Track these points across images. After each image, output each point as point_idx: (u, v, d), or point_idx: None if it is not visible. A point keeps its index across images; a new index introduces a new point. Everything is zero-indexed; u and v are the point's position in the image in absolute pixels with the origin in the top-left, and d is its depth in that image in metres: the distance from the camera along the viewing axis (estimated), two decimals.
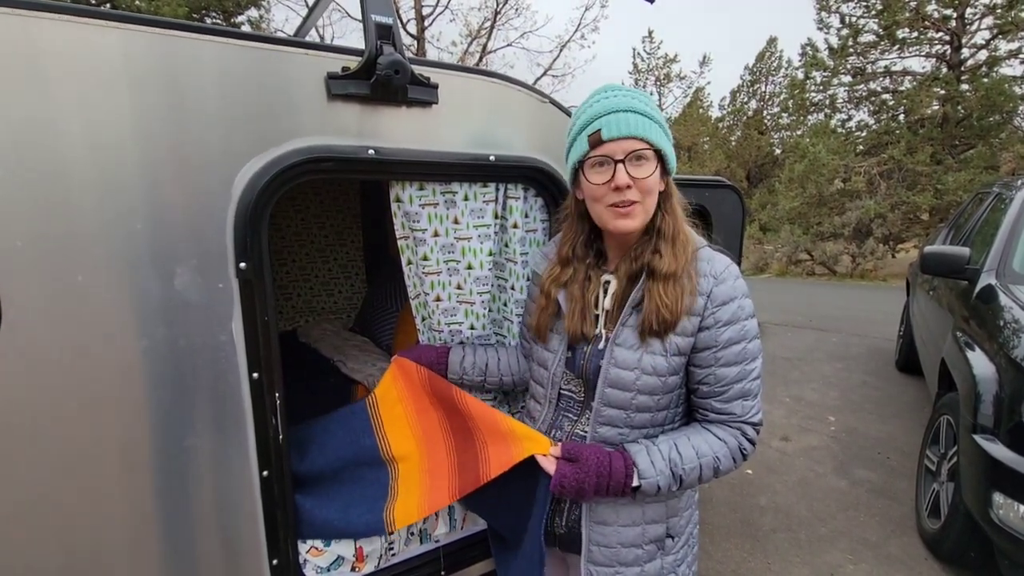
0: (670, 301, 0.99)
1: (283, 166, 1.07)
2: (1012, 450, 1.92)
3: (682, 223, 1.07)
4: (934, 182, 12.18)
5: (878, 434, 3.73)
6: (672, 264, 1.01)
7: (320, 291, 3.56)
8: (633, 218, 1.01)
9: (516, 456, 1.13)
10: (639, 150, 0.97)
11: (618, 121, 0.97)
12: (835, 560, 2.46)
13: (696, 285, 1.02)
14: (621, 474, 1.01)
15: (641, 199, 1.00)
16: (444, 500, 1.28)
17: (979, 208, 3.78)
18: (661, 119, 1.01)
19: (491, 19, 16.13)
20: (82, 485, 1.00)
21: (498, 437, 1.21)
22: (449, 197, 1.36)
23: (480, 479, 1.20)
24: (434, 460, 1.36)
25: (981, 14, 12.32)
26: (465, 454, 1.29)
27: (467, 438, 1.30)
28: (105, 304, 0.96)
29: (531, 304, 1.25)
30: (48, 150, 0.88)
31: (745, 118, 26.52)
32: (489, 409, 1.25)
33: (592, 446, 1.06)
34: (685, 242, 1.05)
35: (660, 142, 0.99)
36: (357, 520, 1.32)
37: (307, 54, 1.08)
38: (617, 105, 0.98)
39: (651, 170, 0.99)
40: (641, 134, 0.97)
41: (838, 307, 8.36)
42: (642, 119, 0.98)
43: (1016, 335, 2.14)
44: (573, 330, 1.10)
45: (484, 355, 1.39)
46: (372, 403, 1.43)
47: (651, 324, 1.01)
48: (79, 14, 0.88)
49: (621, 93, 1.01)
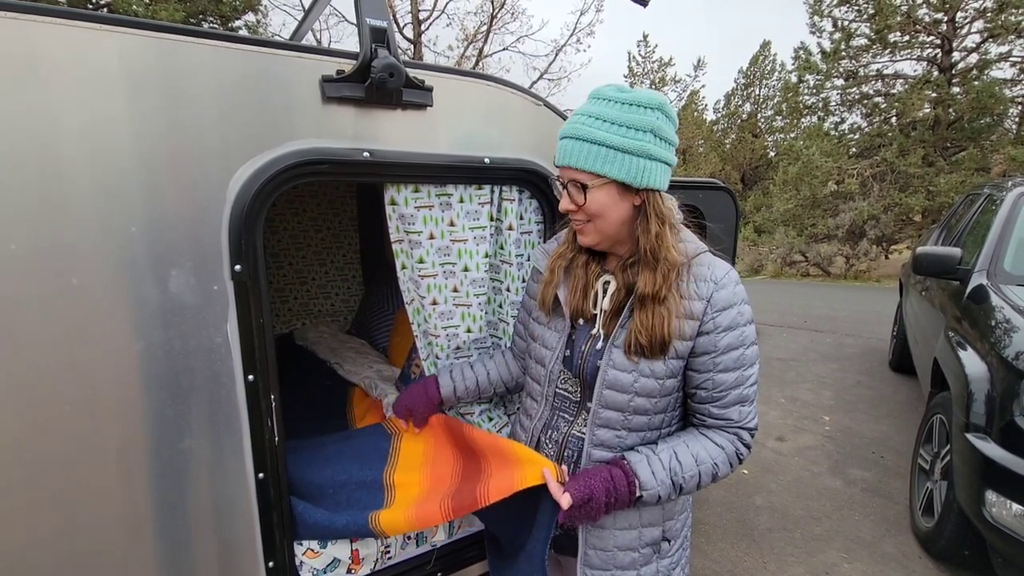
0: (649, 324, 0.99)
1: (278, 169, 1.08)
2: (1004, 448, 1.94)
3: (664, 240, 1.01)
4: (926, 184, 12.28)
5: (872, 434, 3.75)
6: (649, 286, 1.00)
7: (317, 293, 3.55)
8: (586, 235, 1.06)
9: (519, 483, 1.11)
10: (574, 179, 1.00)
11: (561, 149, 1.00)
12: (830, 559, 2.47)
13: (693, 291, 1.02)
14: (625, 492, 1.01)
15: (590, 220, 1.03)
16: (436, 517, 1.23)
17: (970, 209, 3.81)
18: (619, 140, 0.95)
19: (487, 23, 16.18)
20: (78, 487, 0.99)
21: (501, 460, 1.20)
22: (444, 199, 1.36)
23: (477, 502, 1.17)
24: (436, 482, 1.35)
25: (971, 18, 12.45)
26: (467, 473, 1.29)
27: (473, 460, 1.30)
28: (100, 306, 0.96)
29: (530, 301, 1.26)
30: (44, 153, 0.89)
31: (739, 121, 26.69)
32: (496, 438, 1.26)
33: (594, 472, 1.04)
34: (670, 261, 1.00)
35: (604, 168, 0.96)
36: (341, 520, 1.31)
37: (303, 57, 1.09)
38: (569, 131, 1.00)
39: (583, 199, 1.00)
40: (575, 164, 0.98)
41: (832, 308, 8.40)
42: (583, 147, 0.97)
43: (1007, 334, 2.16)
44: (574, 306, 1.11)
45: (472, 374, 1.37)
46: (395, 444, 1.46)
47: (628, 344, 1.02)
48: (76, 18, 0.89)
49: (584, 113, 0.99)
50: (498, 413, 1.57)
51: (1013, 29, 11.65)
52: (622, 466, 1.03)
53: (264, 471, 1.18)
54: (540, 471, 1.09)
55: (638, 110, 0.96)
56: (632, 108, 0.97)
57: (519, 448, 1.18)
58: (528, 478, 1.11)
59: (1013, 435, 1.93)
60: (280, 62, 1.07)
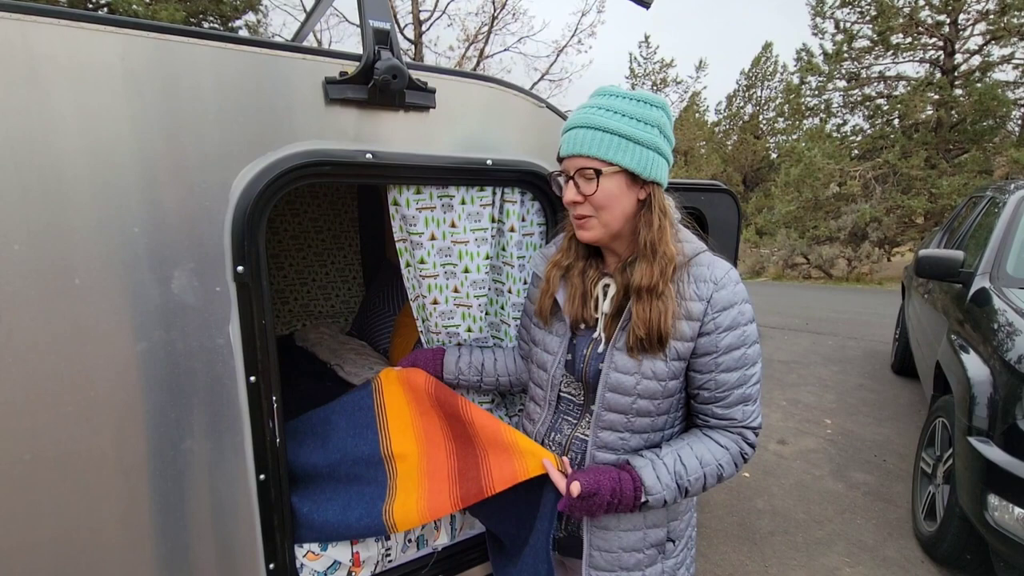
0: (646, 317, 0.99)
1: (281, 170, 1.08)
2: (1006, 452, 1.94)
3: (664, 234, 1.02)
4: (928, 186, 12.27)
5: (874, 437, 3.74)
6: (646, 278, 0.99)
7: (318, 295, 3.55)
8: (588, 230, 1.04)
9: (521, 472, 1.12)
10: (583, 168, 0.98)
11: (571, 139, 0.99)
12: (832, 563, 2.46)
13: (692, 291, 1.01)
14: (630, 497, 1.01)
15: (595, 213, 1.01)
16: (446, 508, 1.25)
17: (973, 212, 3.81)
18: (630, 129, 0.97)
19: (488, 24, 16.19)
20: (78, 487, 0.99)
21: (500, 448, 1.20)
22: (446, 201, 1.36)
23: (483, 491, 1.18)
24: (433, 463, 1.34)
25: (974, 20, 12.45)
26: (465, 460, 1.28)
27: (467, 444, 1.29)
28: (103, 307, 0.96)
29: (531, 305, 1.25)
30: (46, 154, 0.88)
31: (741, 122, 26.70)
32: (492, 418, 1.24)
33: (604, 470, 1.04)
34: (667, 256, 1.01)
35: (616, 156, 0.96)
36: (357, 522, 1.31)
37: (305, 59, 1.09)
38: (578, 121, 0.99)
39: (594, 187, 0.98)
40: (587, 152, 0.97)
41: (834, 310, 8.39)
42: (595, 135, 0.96)
43: (1010, 338, 2.15)
44: (574, 315, 1.11)
45: (480, 355, 1.39)
46: (379, 401, 1.41)
47: (628, 340, 1.02)
48: (77, 19, 0.89)
49: (593, 105, 1.00)
50: (500, 414, 1.57)
51: (1016, 31, 11.65)
52: (630, 471, 1.03)
53: (265, 472, 1.17)
54: (540, 461, 1.10)
55: (646, 106, 0.99)
56: (641, 104, 0.99)
57: (518, 436, 1.18)
58: (530, 468, 1.12)
59: (1015, 439, 1.92)
60: (283, 63, 1.07)
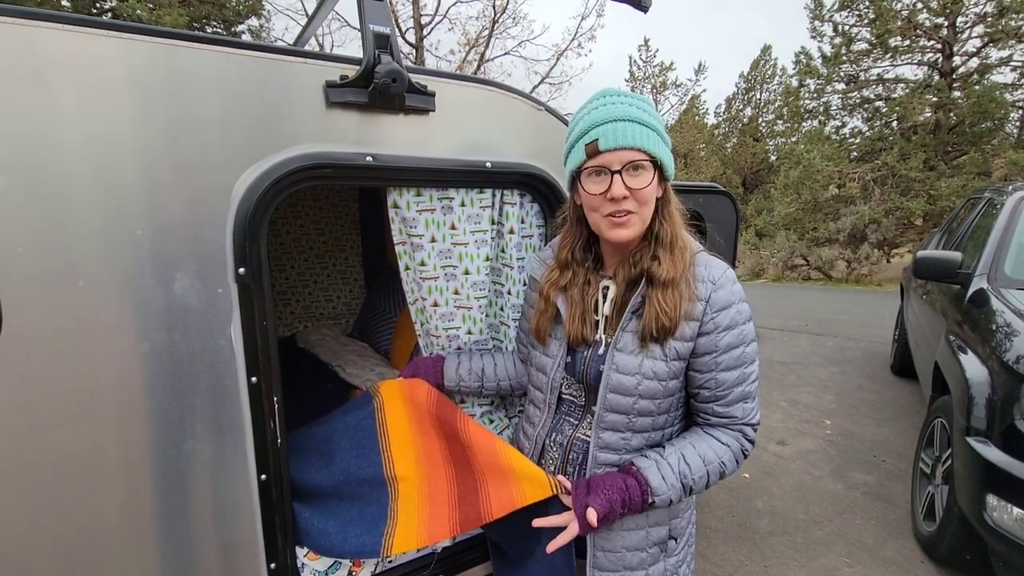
0: (669, 307, 1.00)
1: (282, 173, 1.09)
2: (1005, 452, 1.94)
3: (680, 229, 1.06)
4: (927, 188, 12.29)
5: (874, 437, 3.75)
6: (671, 271, 1.01)
7: (319, 296, 3.56)
8: (629, 228, 1.00)
9: (519, 499, 1.12)
10: (636, 161, 0.96)
11: (615, 131, 0.95)
12: (832, 563, 2.46)
13: (694, 290, 1.02)
14: (639, 501, 1.02)
15: (638, 209, 0.99)
16: (445, 533, 1.23)
17: (971, 213, 3.82)
18: (659, 125, 1.00)
19: (489, 28, 16.23)
20: (81, 488, 1.00)
21: (497, 473, 1.20)
22: (446, 203, 1.37)
23: (482, 518, 1.17)
24: (434, 486, 1.32)
25: (972, 22, 12.47)
26: (464, 485, 1.27)
27: (466, 469, 1.28)
28: (105, 309, 0.97)
29: (528, 309, 1.26)
30: (50, 157, 0.89)
31: (740, 125, 26.74)
32: (490, 439, 1.24)
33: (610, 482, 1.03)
34: (683, 248, 1.05)
35: (657, 151, 0.97)
36: (355, 540, 1.29)
37: (306, 63, 1.10)
38: (615, 114, 0.96)
39: (648, 180, 0.98)
40: (638, 144, 0.95)
41: (834, 312, 8.39)
42: (640, 128, 0.96)
43: (1008, 338, 2.16)
44: (574, 334, 1.10)
45: (480, 361, 1.39)
46: (381, 420, 1.40)
47: (651, 330, 1.01)
48: (81, 24, 0.90)
49: (620, 99, 1.00)
50: (499, 415, 1.57)
51: (1013, 34, 11.68)
52: (634, 474, 1.03)
53: (266, 473, 1.18)
54: (539, 488, 1.11)
55: (652, 108, 1.02)
56: (649, 105, 1.02)
57: (515, 458, 1.18)
58: (527, 494, 1.12)
59: (1014, 439, 1.93)
60: (284, 67, 1.08)
